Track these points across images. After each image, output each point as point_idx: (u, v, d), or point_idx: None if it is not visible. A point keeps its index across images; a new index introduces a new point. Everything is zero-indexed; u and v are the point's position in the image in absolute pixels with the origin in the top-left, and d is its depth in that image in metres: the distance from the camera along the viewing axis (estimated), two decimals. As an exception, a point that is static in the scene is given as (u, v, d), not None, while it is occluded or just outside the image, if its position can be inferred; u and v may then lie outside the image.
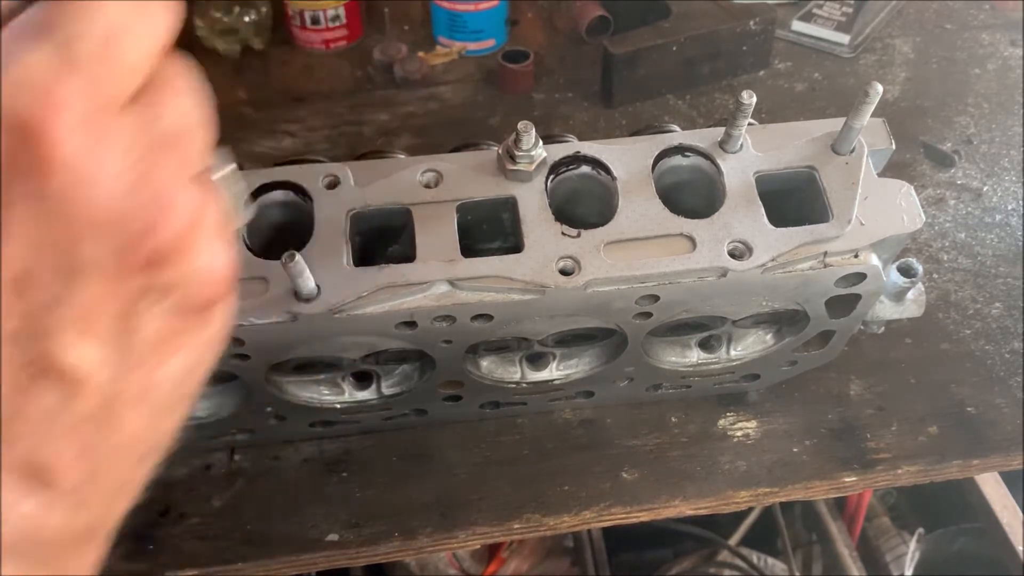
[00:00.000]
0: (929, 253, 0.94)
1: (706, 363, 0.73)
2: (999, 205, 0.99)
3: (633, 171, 0.61)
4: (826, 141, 0.62)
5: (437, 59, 1.22)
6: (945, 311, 0.88)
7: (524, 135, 0.58)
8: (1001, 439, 0.77)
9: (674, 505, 0.74)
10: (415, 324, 0.59)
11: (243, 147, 1.09)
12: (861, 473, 0.76)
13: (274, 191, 0.60)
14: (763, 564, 1.36)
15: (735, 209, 0.59)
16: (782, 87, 1.17)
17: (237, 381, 0.67)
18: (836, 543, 1.31)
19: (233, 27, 1.22)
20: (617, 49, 1.09)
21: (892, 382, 0.82)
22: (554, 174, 0.62)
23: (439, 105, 1.16)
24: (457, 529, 0.73)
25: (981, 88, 1.16)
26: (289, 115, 1.14)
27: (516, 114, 1.13)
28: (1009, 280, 0.91)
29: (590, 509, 0.74)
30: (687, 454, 0.77)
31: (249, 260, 0.57)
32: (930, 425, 0.79)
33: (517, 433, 0.79)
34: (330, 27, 1.23)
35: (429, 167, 0.61)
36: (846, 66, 1.20)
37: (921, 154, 1.06)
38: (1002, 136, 1.08)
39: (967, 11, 1.30)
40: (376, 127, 1.12)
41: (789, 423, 0.79)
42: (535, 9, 1.33)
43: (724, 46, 1.14)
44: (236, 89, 1.19)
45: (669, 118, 1.12)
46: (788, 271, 0.59)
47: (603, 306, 0.60)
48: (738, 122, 0.59)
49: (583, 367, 0.72)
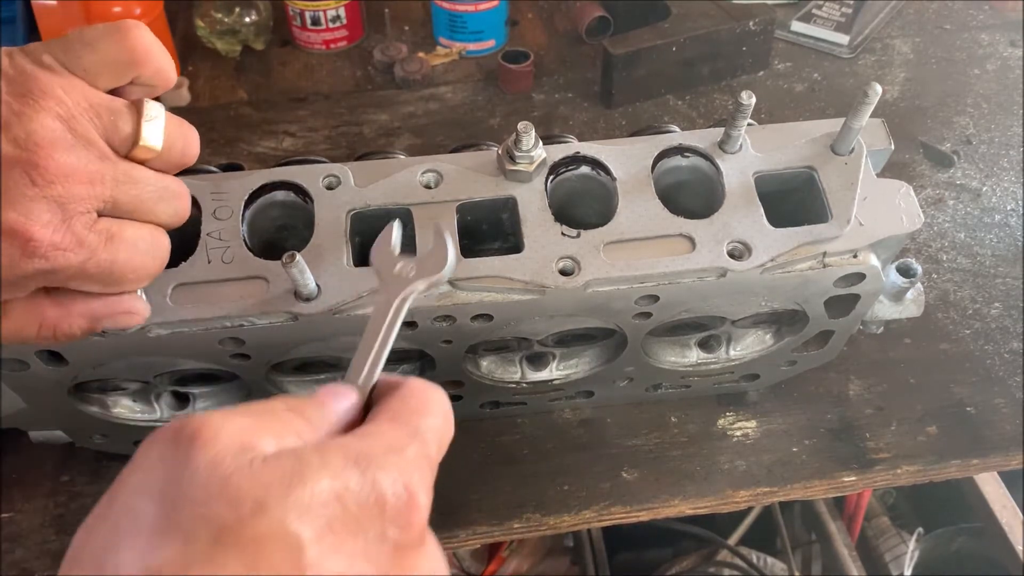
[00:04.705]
0: (928, 253, 0.94)
1: (706, 363, 0.73)
2: (998, 205, 0.99)
3: (633, 171, 0.61)
4: (825, 141, 0.62)
5: (437, 59, 1.22)
6: (944, 311, 0.88)
7: (524, 135, 0.58)
8: (1000, 439, 0.78)
9: (674, 505, 0.74)
10: (415, 324, 0.59)
11: (243, 147, 1.09)
12: (860, 473, 0.76)
13: (274, 191, 0.60)
14: (762, 564, 1.36)
15: (734, 209, 0.60)
16: (781, 87, 1.17)
17: (238, 381, 0.67)
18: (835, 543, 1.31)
19: (233, 27, 1.22)
20: (617, 49, 1.09)
21: (891, 382, 0.82)
22: (554, 174, 0.62)
23: (439, 105, 1.16)
24: (457, 529, 0.73)
25: (980, 88, 1.16)
26: (289, 115, 1.14)
27: (516, 114, 1.13)
28: (1008, 280, 0.91)
29: (590, 509, 0.74)
30: (687, 454, 0.77)
31: (249, 260, 0.57)
32: (929, 425, 0.79)
33: (517, 433, 0.79)
34: (330, 27, 1.23)
35: (429, 167, 0.61)
36: (845, 66, 1.20)
37: (920, 154, 1.06)
38: (1001, 136, 1.08)
39: (967, 11, 1.30)
40: (376, 127, 1.12)
41: (788, 423, 0.79)
42: (535, 9, 1.33)
43: (724, 47, 1.14)
44: (236, 89, 1.19)
45: (669, 118, 1.12)
46: (787, 271, 0.59)
47: (603, 306, 0.60)
48: (737, 122, 0.60)
49: (583, 367, 0.72)
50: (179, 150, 0.47)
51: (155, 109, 0.46)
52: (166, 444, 0.33)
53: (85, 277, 0.46)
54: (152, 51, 0.45)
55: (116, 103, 0.45)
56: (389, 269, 0.46)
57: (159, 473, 0.33)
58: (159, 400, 0.70)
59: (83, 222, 0.43)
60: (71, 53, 0.44)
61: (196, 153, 0.49)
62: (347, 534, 0.32)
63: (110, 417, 0.68)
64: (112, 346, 0.57)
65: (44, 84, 0.42)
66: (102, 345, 0.56)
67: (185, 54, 1.24)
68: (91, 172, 0.43)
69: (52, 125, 0.41)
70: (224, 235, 0.58)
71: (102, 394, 0.68)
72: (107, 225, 0.45)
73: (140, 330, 0.55)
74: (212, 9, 1.22)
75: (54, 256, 0.43)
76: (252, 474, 0.32)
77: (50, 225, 0.42)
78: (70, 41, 0.44)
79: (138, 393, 0.69)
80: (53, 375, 0.60)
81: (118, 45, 0.44)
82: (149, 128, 0.45)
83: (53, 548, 0.71)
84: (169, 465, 0.33)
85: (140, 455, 0.34)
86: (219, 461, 0.32)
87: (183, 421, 0.34)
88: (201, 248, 0.57)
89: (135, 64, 0.45)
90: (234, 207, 0.59)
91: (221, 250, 0.57)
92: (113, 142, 0.45)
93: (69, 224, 0.43)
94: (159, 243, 0.48)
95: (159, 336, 0.56)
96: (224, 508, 0.31)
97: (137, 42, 0.45)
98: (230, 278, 0.57)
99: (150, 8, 1.13)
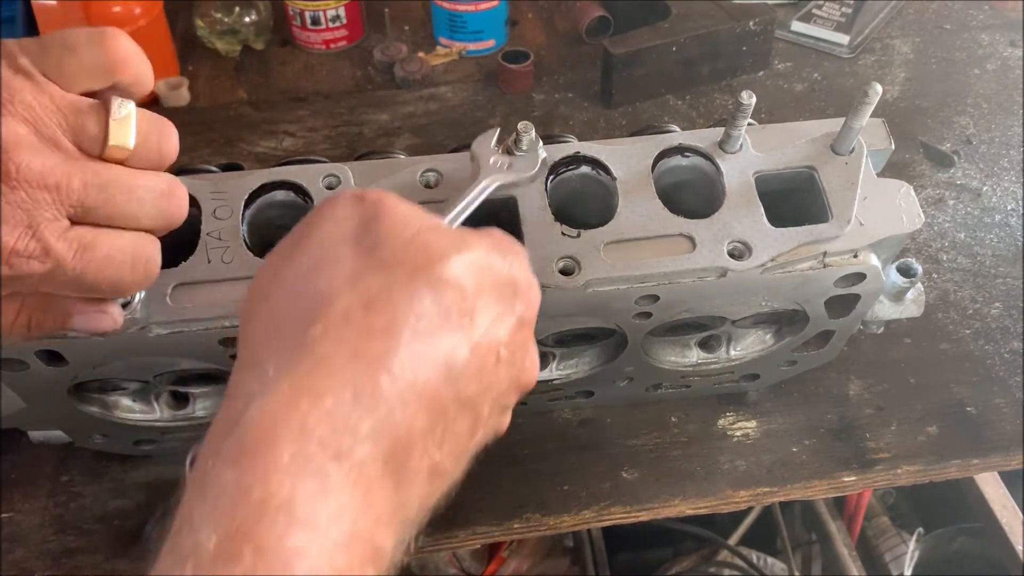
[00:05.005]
0: (928, 253, 0.94)
1: (706, 363, 0.73)
2: (998, 205, 0.99)
3: (633, 171, 0.61)
4: (825, 141, 0.62)
5: (437, 59, 1.22)
6: (944, 311, 0.88)
7: (524, 135, 0.58)
8: (1000, 439, 0.78)
9: (674, 505, 0.74)
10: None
11: (243, 147, 1.09)
12: (860, 473, 0.76)
13: (274, 191, 0.60)
14: (763, 564, 1.36)
15: (735, 209, 0.60)
16: (782, 87, 1.17)
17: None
18: (835, 543, 1.31)
19: (233, 27, 1.22)
20: (617, 49, 1.09)
21: (891, 382, 0.82)
22: (554, 174, 0.62)
23: (439, 105, 1.16)
24: (457, 529, 0.73)
25: (980, 88, 1.16)
26: (289, 115, 1.14)
27: (516, 114, 1.13)
28: (1009, 280, 0.91)
29: (590, 509, 0.74)
30: (687, 454, 0.77)
31: (249, 260, 0.57)
32: (929, 425, 0.79)
33: (517, 433, 0.79)
34: (330, 27, 1.23)
35: (429, 167, 0.61)
36: (845, 66, 1.20)
37: (920, 154, 1.06)
38: (1001, 136, 1.08)
39: (967, 11, 1.30)
40: (376, 127, 1.12)
41: (789, 423, 0.79)
42: (535, 9, 1.33)
43: (724, 46, 1.14)
44: (236, 89, 1.19)
45: (669, 118, 1.12)
46: (788, 271, 0.59)
47: (603, 306, 0.60)
48: (738, 122, 0.60)
49: (583, 367, 0.72)
50: (154, 147, 0.46)
51: (124, 107, 0.44)
52: (353, 204, 0.42)
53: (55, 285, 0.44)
54: (132, 58, 0.44)
55: (82, 102, 0.43)
56: (487, 159, 0.56)
57: (351, 224, 0.41)
58: (159, 400, 0.70)
59: (51, 229, 0.42)
60: (50, 56, 0.43)
61: (174, 148, 0.47)
62: (492, 298, 0.42)
63: (110, 417, 0.68)
64: (112, 346, 0.57)
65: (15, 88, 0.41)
66: (102, 345, 0.56)
67: (185, 54, 1.24)
68: (57, 175, 0.41)
69: (18, 129, 0.40)
70: (224, 235, 0.58)
71: (102, 394, 0.68)
72: (80, 234, 0.43)
73: (140, 330, 0.55)
74: (212, 9, 1.22)
75: (17, 264, 0.41)
76: (434, 234, 0.41)
77: (14, 232, 0.40)
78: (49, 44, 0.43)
79: (138, 393, 0.69)
80: (53, 375, 0.60)
81: (99, 51, 0.43)
82: (117, 127, 0.44)
83: (53, 548, 0.71)
84: (359, 220, 0.41)
85: (326, 210, 0.43)
86: (407, 221, 0.41)
87: (360, 189, 0.43)
88: (201, 248, 0.57)
89: (114, 70, 0.44)
90: (234, 207, 0.59)
91: (221, 250, 0.57)
92: (82, 143, 0.43)
93: (36, 231, 0.41)
94: (142, 252, 0.46)
95: (159, 336, 0.56)
96: (418, 254, 0.40)
97: (118, 49, 0.44)
98: (230, 278, 0.57)
99: (150, 8, 1.13)
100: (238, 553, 0.32)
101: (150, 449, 0.74)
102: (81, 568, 0.70)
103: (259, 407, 0.36)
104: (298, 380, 0.37)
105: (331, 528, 0.34)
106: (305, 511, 0.33)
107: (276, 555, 0.32)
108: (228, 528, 0.33)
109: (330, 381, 0.37)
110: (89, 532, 0.72)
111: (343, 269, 0.40)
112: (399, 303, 0.39)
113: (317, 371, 0.37)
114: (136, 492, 0.74)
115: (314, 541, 0.33)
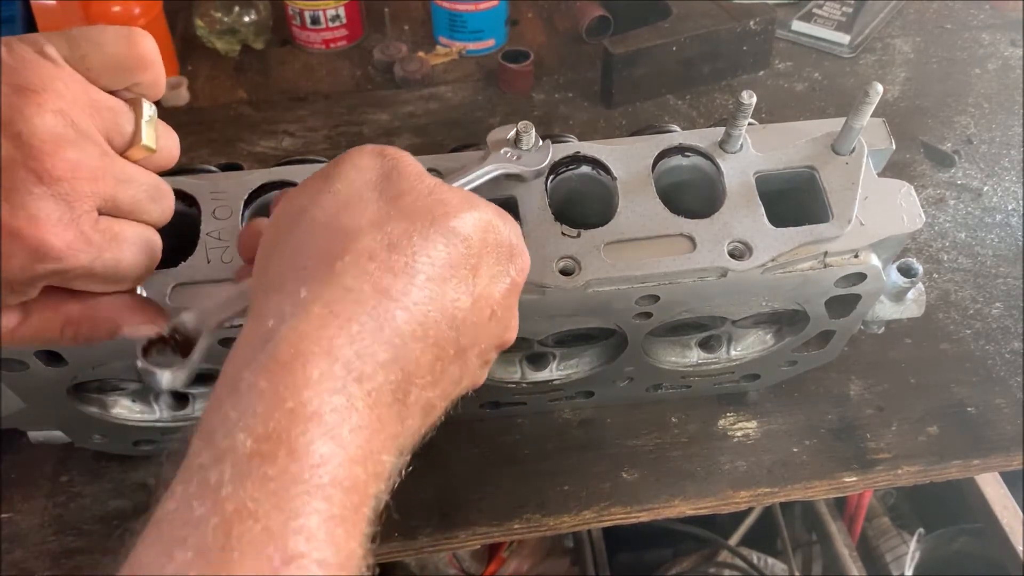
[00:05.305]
0: (929, 253, 0.94)
1: (706, 363, 0.73)
2: (999, 205, 0.99)
3: (633, 171, 0.61)
4: (826, 141, 0.62)
5: (437, 59, 1.22)
6: (945, 311, 0.88)
7: (524, 135, 0.58)
8: (1001, 439, 0.77)
9: (674, 505, 0.74)
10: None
11: (243, 147, 1.09)
12: (861, 473, 0.76)
13: (274, 191, 0.60)
14: (763, 564, 1.35)
15: (735, 209, 0.59)
16: (782, 87, 1.17)
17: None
18: (836, 543, 1.31)
19: (233, 27, 1.22)
20: (617, 49, 1.09)
21: (892, 382, 0.82)
22: (554, 174, 0.62)
23: (439, 105, 1.16)
24: (457, 529, 0.73)
25: (981, 88, 1.16)
26: (289, 115, 1.14)
27: (516, 114, 1.13)
28: (1009, 280, 0.91)
29: (590, 509, 0.74)
30: (687, 454, 0.77)
31: (249, 260, 0.57)
32: (930, 425, 0.79)
33: (517, 433, 0.79)
34: (330, 27, 1.23)
35: (429, 167, 0.60)
36: (846, 66, 1.20)
37: (921, 154, 1.06)
38: (1002, 136, 1.08)
39: (967, 11, 1.30)
40: (376, 127, 1.12)
41: (789, 423, 0.79)
42: (535, 9, 1.33)
43: (724, 46, 1.14)
44: (236, 89, 1.19)
45: (669, 118, 1.12)
46: (788, 271, 0.59)
47: (603, 306, 0.60)
48: (738, 122, 0.59)
49: (583, 367, 0.72)
50: (168, 152, 0.48)
51: (151, 108, 0.46)
52: (374, 156, 0.46)
53: (90, 276, 0.45)
54: (156, 61, 0.46)
55: (116, 102, 0.45)
56: (499, 148, 0.58)
57: (374, 174, 0.45)
58: (158, 400, 0.70)
59: (88, 221, 0.43)
60: (76, 49, 0.44)
61: (178, 156, 0.50)
62: (492, 257, 0.45)
63: (109, 417, 0.68)
64: (112, 346, 0.56)
65: (45, 76, 0.42)
66: (101, 346, 0.56)
67: (185, 54, 1.24)
68: (94, 169, 0.43)
69: (53, 121, 0.41)
70: (223, 235, 0.58)
71: (101, 394, 0.68)
72: (109, 224, 0.45)
73: (139, 330, 0.55)
74: (212, 9, 1.22)
75: (66, 256, 0.42)
76: (449, 191, 0.45)
77: (60, 224, 0.42)
78: (75, 37, 0.44)
79: (137, 393, 0.69)
80: (53, 375, 0.59)
81: (126, 49, 0.45)
82: (148, 128, 0.46)
83: (53, 548, 0.71)
84: (381, 171, 0.45)
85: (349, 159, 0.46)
86: (422, 177, 0.45)
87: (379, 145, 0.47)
88: (200, 248, 0.57)
89: (138, 69, 0.45)
90: (233, 207, 0.59)
91: (220, 250, 0.57)
92: (113, 140, 0.45)
93: (77, 223, 0.42)
94: (153, 242, 0.49)
95: (158, 336, 0.56)
96: (435, 206, 0.43)
97: (145, 49, 0.45)
98: (230, 278, 0.56)
99: (149, 8, 1.13)
100: (272, 454, 0.35)
101: (150, 449, 0.74)
102: (81, 568, 0.70)
103: (292, 327, 0.38)
104: (327, 305, 0.39)
105: (351, 442, 0.37)
106: (331, 423, 0.36)
107: (306, 459, 0.35)
108: (264, 431, 0.35)
109: (356, 308, 0.39)
110: (89, 532, 0.72)
111: (369, 211, 0.43)
112: (418, 248, 0.42)
113: (345, 299, 0.40)
114: (136, 492, 0.74)
115: (337, 452, 0.36)
